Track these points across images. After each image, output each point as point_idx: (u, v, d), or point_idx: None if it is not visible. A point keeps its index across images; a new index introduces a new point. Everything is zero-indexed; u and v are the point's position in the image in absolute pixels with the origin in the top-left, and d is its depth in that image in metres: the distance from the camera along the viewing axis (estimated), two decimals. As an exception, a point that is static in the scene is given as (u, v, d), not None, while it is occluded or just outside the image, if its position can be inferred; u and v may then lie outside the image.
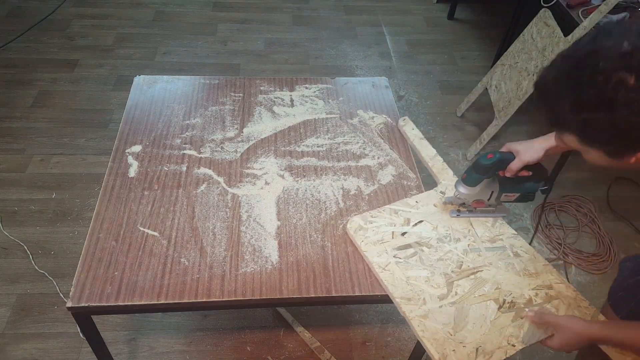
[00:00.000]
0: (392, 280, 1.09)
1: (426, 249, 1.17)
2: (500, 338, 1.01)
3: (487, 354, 0.98)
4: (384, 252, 1.14)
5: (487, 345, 1.00)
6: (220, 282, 1.07)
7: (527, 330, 1.03)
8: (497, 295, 1.08)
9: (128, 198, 1.23)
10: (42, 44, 2.93)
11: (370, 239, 1.17)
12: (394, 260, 1.13)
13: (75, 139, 2.35)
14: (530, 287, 1.10)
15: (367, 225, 1.20)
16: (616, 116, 0.66)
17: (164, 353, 1.64)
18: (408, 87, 2.86)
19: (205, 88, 1.59)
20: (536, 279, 1.11)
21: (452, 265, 1.13)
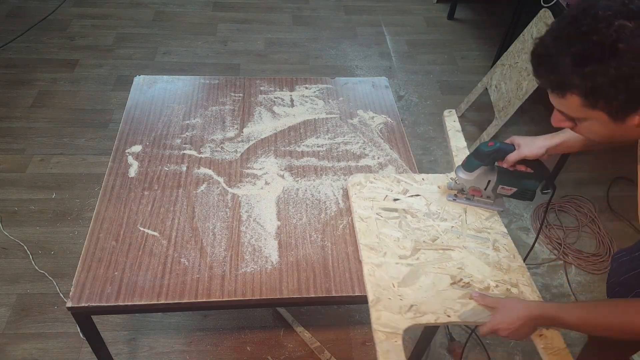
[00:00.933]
0: (365, 230, 1.16)
1: (410, 217, 1.21)
2: (439, 306, 1.03)
3: (419, 313, 1.01)
4: (370, 208, 1.22)
5: (423, 306, 1.02)
6: (220, 282, 1.07)
7: (469, 309, 1.03)
8: (457, 273, 1.10)
9: (128, 198, 1.23)
10: (42, 44, 2.93)
11: (363, 194, 1.24)
12: (375, 216, 1.20)
13: (75, 139, 2.35)
14: (494, 278, 1.10)
15: (366, 183, 1.27)
16: (621, 63, 0.64)
17: (164, 353, 1.64)
18: (408, 87, 2.86)
19: (205, 88, 1.59)
20: (504, 274, 1.11)
21: (426, 237, 1.17)
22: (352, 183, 1.27)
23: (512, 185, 1.17)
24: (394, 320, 0.99)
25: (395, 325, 0.98)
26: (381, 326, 0.98)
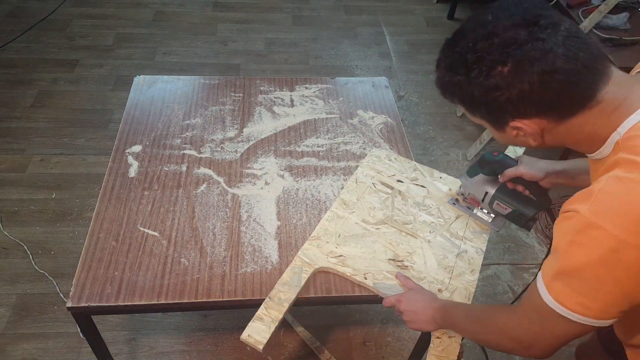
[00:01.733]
0: (352, 189, 1.27)
1: (400, 199, 1.25)
2: (363, 267, 1.09)
3: (341, 264, 1.10)
4: (371, 177, 1.30)
5: (349, 261, 1.10)
6: (220, 282, 1.07)
7: (387, 284, 1.07)
8: (403, 255, 1.13)
9: (128, 198, 1.23)
10: (42, 44, 2.93)
11: (374, 165, 1.33)
12: (370, 185, 1.28)
13: (75, 139, 2.35)
14: (435, 276, 1.09)
15: (384, 159, 1.35)
16: (475, 80, 0.70)
17: (164, 353, 1.64)
18: (408, 87, 2.86)
19: (205, 88, 1.59)
20: (448, 279, 1.09)
21: (400, 218, 1.20)
22: (371, 154, 1.36)
23: (507, 205, 1.12)
24: (317, 257, 1.11)
25: (314, 260, 1.10)
26: (304, 256, 1.12)
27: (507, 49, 0.67)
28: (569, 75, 0.66)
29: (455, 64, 0.73)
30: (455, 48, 0.73)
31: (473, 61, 0.70)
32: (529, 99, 0.69)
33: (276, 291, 1.04)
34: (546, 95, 0.68)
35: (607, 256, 0.63)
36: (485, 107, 0.74)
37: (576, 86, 0.67)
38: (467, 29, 0.72)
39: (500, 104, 0.71)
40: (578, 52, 0.66)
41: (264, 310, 1.01)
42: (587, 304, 0.67)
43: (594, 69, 0.68)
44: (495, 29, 0.68)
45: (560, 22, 0.68)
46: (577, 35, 0.67)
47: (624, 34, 2.18)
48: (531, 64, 0.66)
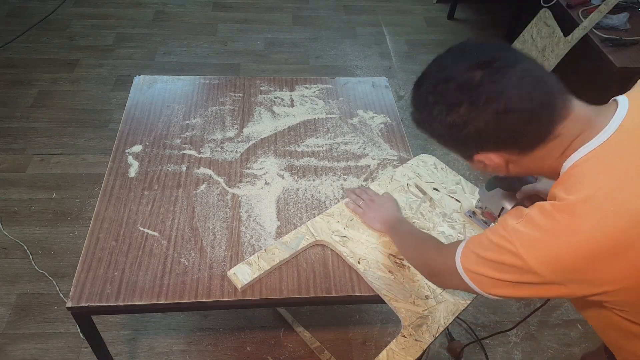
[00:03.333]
0: (384, 184, 1.30)
1: (428, 205, 1.26)
2: (361, 253, 1.13)
3: (341, 244, 1.14)
4: (408, 179, 1.32)
5: (350, 243, 1.15)
6: (220, 282, 1.07)
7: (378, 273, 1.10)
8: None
9: (128, 198, 1.23)
10: (42, 44, 2.93)
11: (416, 168, 1.35)
12: (404, 185, 1.30)
13: (75, 139, 2.35)
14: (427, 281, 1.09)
15: (430, 166, 1.36)
16: (432, 114, 0.76)
17: (164, 353, 1.65)
18: (408, 87, 2.86)
19: (205, 88, 1.59)
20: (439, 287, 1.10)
21: (418, 222, 1.22)
22: (418, 157, 1.38)
23: None
24: (323, 230, 1.17)
25: (319, 232, 1.17)
26: (311, 226, 1.18)
27: (462, 91, 0.72)
28: (522, 113, 0.70)
29: (420, 104, 0.79)
30: (420, 89, 0.78)
31: (433, 102, 0.75)
32: (486, 136, 0.73)
33: (273, 247, 1.12)
34: (501, 132, 0.72)
35: (509, 265, 0.72)
36: (451, 142, 0.80)
37: (531, 123, 0.71)
38: (429, 72, 0.78)
39: (462, 140, 0.76)
40: (532, 92, 0.70)
41: (256, 258, 1.10)
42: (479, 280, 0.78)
43: (551, 105, 0.71)
44: (452, 73, 0.73)
45: (517, 62, 0.71)
46: (532, 74, 0.71)
47: (624, 34, 2.18)
48: (485, 104, 0.70)
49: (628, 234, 0.65)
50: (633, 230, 0.65)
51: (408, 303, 1.05)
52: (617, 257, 0.66)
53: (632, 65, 2.02)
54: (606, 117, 0.72)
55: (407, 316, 1.03)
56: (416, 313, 1.04)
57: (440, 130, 0.77)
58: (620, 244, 0.65)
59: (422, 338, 1.00)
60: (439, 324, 1.03)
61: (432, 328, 1.02)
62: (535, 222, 0.70)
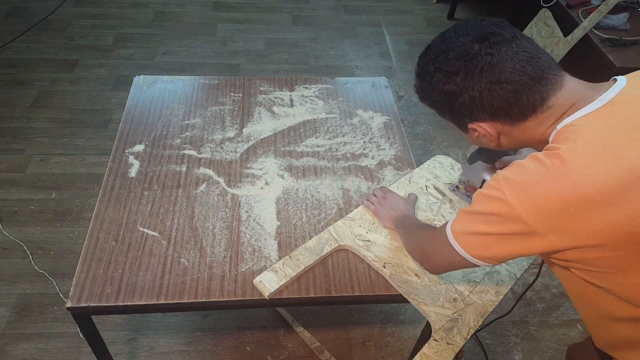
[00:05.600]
0: (402, 186, 1.30)
1: (448, 206, 1.26)
2: (385, 255, 1.13)
3: (364, 248, 1.14)
4: (426, 180, 1.32)
5: (373, 247, 1.14)
6: (220, 282, 1.07)
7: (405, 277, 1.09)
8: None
9: (128, 198, 1.23)
10: (42, 44, 2.93)
11: (433, 170, 1.35)
12: (423, 187, 1.30)
13: (75, 139, 2.35)
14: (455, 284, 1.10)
15: (447, 167, 1.36)
16: (432, 82, 0.81)
17: (164, 353, 1.65)
18: (408, 87, 2.85)
19: (205, 88, 1.59)
20: (467, 290, 1.10)
21: (440, 223, 1.19)
22: (434, 159, 1.38)
23: None
24: (346, 235, 1.17)
25: (342, 237, 1.16)
26: (334, 231, 1.18)
27: (460, 61, 0.77)
28: (514, 85, 0.75)
29: (422, 73, 0.84)
30: (423, 59, 0.84)
31: (433, 71, 0.81)
32: (480, 105, 0.78)
33: (297, 253, 1.12)
34: (495, 101, 0.77)
35: (496, 214, 0.74)
36: (447, 110, 0.84)
37: (523, 94, 0.75)
38: (433, 44, 0.83)
39: (457, 108, 0.81)
40: (526, 65, 0.74)
41: (281, 265, 1.09)
42: (469, 242, 0.80)
43: (543, 78, 0.75)
44: (452, 45, 0.78)
45: (514, 38, 0.76)
46: (527, 50, 0.75)
47: (624, 34, 2.18)
48: (480, 74, 0.75)
49: (618, 186, 0.66)
50: (623, 183, 0.65)
51: (437, 306, 1.04)
52: (603, 209, 0.66)
53: (632, 65, 2.02)
54: (601, 91, 0.74)
55: (437, 320, 1.02)
56: (446, 316, 1.03)
57: (438, 98, 0.82)
58: (609, 196, 0.66)
59: (454, 341, 0.99)
60: (469, 326, 1.02)
61: (462, 331, 1.01)
62: (525, 167, 0.72)
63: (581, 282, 0.80)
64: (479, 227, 0.77)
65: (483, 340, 1.75)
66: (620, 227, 0.67)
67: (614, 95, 0.72)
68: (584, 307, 0.89)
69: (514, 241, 0.74)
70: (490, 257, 0.79)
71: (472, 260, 0.81)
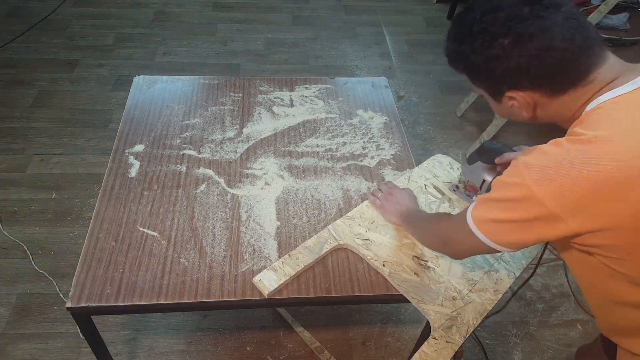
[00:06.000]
0: (402, 185, 1.29)
1: (447, 204, 1.26)
2: (384, 254, 1.13)
3: (364, 246, 1.13)
4: (425, 179, 1.31)
5: (373, 246, 1.14)
6: (219, 282, 1.07)
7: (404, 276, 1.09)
8: (429, 256, 1.13)
9: (128, 198, 1.23)
10: (42, 44, 2.93)
11: (432, 169, 1.35)
12: (422, 186, 1.30)
13: (75, 139, 2.35)
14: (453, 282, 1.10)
15: (446, 166, 1.36)
16: (474, 45, 0.76)
17: (164, 353, 1.65)
18: (408, 87, 2.86)
19: (205, 88, 1.59)
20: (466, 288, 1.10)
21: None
22: (433, 158, 1.38)
23: None
24: (345, 234, 1.17)
25: (341, 236, 1.16)
26: (333, 230, 1.17)
27: (509, 22, 0.72)
28: (563, 53, 0.71)
29: (462, 34, 0.79)
30: (464, 19, 0.79)
31: (477, 32, 0.75)
32: (525, 72, 0.74)
33: (297, 252, 1.12)
34: (541, 69, 0.73)
35: (516, 200, 0.73)
36: (485, 76, 0.79)
37: (569, 64, 0.72)
38: (476, 2, 0.78)
39: (499, 74, 0.76)
40: (575, 34, 0.71)
41: (280, 264, 1.09)
42: (489, 228, 0.79)
43: (589, 50, 0.72)
44: (501, 4, 0.74)
45: (563, 3, 0.72)
46: (577, 17, 0.72)
47: (624, 34, 2.18)
48: (530, 38, 0.71)
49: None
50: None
51: (436, 305, 1.04)
52: (625, 194, 0.66)
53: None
54: (638, 73, 0.72)
55: (436, 318, 1.03)
56: (445, 315, 1.03)
57: (479, 62, 0.77)
58: (631, 181, 0.66)
59: (453, 339, 1.00)
60: (468, 324, 1.02)
61: (461, 329, 1.01)
62: (546, 152, 0.71)
63: (595, 267, 0.79)
64: (499, 214, 0.77)
65: (483, 340, 1.75)
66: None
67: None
68: (594, 293, 0.88)
69: (535, 226, 0.73)
70: (513, 242, 0.79)
71: (494, 246, 0.80)
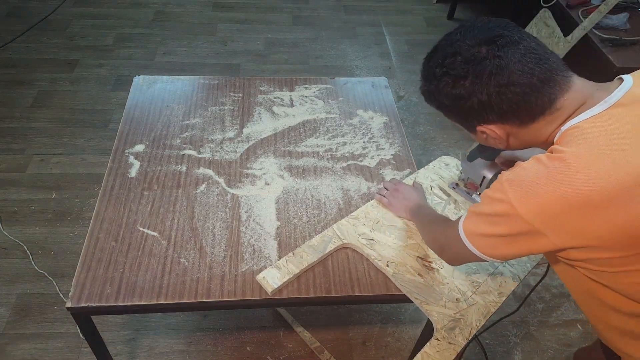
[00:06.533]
0: (409, 183, 1.30)
1: (452, 206, 1.26)
2: (388, 254, 1.13)
3: (368, 247, 1.14)
4: (432, 180, 1.32)
5: (377, 246, 1.15)
6: (219, 282, 1.07)
7: (408, 276, 1.09)
8: (433, 257, 1.13)
9: (128, 198, 1.23)
10: (42, 44, 2.93)
11: (439, 170, 1.35)
12: (427, 186, 1.30)
13: (75, 139, 2.35)
14: (457, 284, 1.09)
15: (452, 168, 1.36)
16: (439, 85, 0.81)
17: (164, 353, 1.65)
18: (408, 87, 2.86)
19: (204, 88, 1.59)
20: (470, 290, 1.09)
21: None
22: (440, 159, 1.39)
23: None
24: (349, 234, 1.17)
25: (345, 235, 1.17)
26: (338, 229, 1.18)
27: (467, 65, 0.76)
28: (523, 87, 0.74)
29: (429, 76, 0.83)
30: (429, 62, 0.83)
31: (440, 75, 0.80)
32: (489, 108, 0.77)
33: (301, 250, 1.12)
34: (503, 105, 0.76)
35: (500, 215, 0.75)
36: (455, 113, 0.84)
37: (532, 97, 0.75)
38: (439, 46, 0.83)
39: (465, 111, 0.80)
40: (534, 67, 0.73)
41: (284, 261, 1.10)
42: (478, 241, 0.82)
43: (551, 80, 0.74)
44: (460, 48, 0.77)
45: (521, 40, 0.75)
46: (535, 52, 0.75)
47: (624, 34, 2.18)
48: (488, 77, 0.75)
49: (621, 190, 0.66)
50: (625, 187, 0.66)
51: (439, 306, 1.04)
52: (606, 211, 0.67)
53: (632, 65, 2.02)
54: (609, 91, 0.74)
55: (439, 319, 1.02)
56: (448, 316, 1.03)
57: (446, 101, 0.81)
58: (611, 199, 0.66)
59: (456, 341, 0.99)
60: (471, 326, 1.02)
61: (464, 331, 1.01)
62: (527, 169, 0.73)
63: (585, 280, 0.80)
64: (486, 228, 0.79)
65: (483, 341, 1.75)
66: (622, 230, 0.67)
67: (620, 96, 0.72)
68: (587, 304, 0.89)
69: (520, 241, 0.75)
70: (499, 255, 0.81)
71: (484, 257, 0.83)
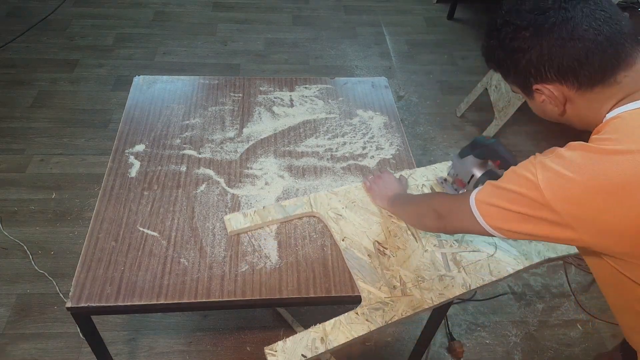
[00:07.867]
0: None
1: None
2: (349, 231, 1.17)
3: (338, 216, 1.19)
4: (426, 179, 1.32)
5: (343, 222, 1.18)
6: (219, 282, 1.07)
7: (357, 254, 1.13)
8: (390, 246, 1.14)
9: (128, 198, 1.23)
10: (42, 44, 2.93)
11: (441, 173, 1.34)
12: (419, 183, 1.30)
13: (75, 139, 2.35)
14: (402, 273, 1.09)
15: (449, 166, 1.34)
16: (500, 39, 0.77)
17: (164, 353, 1.65)
18: (408, 87, 2.86)
19: (204, 88, 1.59)
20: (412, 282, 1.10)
21: None
22: (444, 163, 1.38)
23: None
24: (322, 205, 1.22)
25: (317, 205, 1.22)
26: (313, 198, 1.23)
27: (531, 14, 0.73)
28: (588, 43, 0.70)
29: (490, 29, 0.80)
30: (494, 16, 0.80)
31: (502, 24, 0.76)
32: (548, 63, 0.73)
33: (271, 207, 1.20)
34: (564, 60, 0.72)
35: (525, 195, 0.73)
36: (512, 70, 0.79)
37: (595, 56, 0.70)
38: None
39: (524, 67, 0.76)
40: (603, 26, 0.70)
41: (252, 212, 1.18)
42: (489, 212, 0.80)
43: (619, 44, 0.70)
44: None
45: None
46: (606, 10, 0.71)
47: (624, 34, 2.17)
48: (550, 29, 0.71)
49: None
50: None
51: (374, 287, 1.06)
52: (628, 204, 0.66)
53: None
54: None
55: (367, 297, 1.05)
56: (378, 297, 1.05)
57: (504, 56, 0.78)
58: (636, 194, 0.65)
59: (374, 320, 1.01)
60: (395, 313, 1.02)
61: (387, 315, 1.02)
62: (562, 156, 0.70)
63: (611, 270, 0.79)
64: (505, 203, 0.76)
65: (483, 340, 1.75)
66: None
67: None
68: (612, 294, 0.88)
69: (541, 225, 0.73)
70: (507, 229, 0.79)
71: (488, 229, 0.81)
